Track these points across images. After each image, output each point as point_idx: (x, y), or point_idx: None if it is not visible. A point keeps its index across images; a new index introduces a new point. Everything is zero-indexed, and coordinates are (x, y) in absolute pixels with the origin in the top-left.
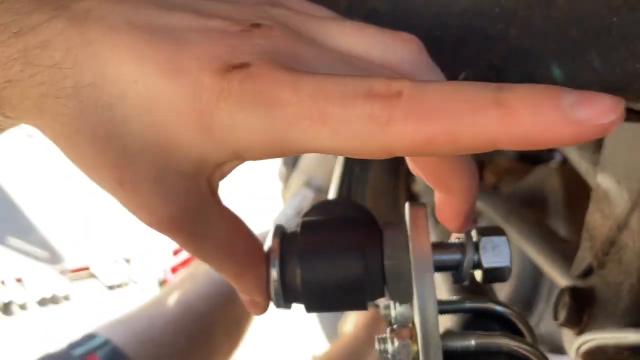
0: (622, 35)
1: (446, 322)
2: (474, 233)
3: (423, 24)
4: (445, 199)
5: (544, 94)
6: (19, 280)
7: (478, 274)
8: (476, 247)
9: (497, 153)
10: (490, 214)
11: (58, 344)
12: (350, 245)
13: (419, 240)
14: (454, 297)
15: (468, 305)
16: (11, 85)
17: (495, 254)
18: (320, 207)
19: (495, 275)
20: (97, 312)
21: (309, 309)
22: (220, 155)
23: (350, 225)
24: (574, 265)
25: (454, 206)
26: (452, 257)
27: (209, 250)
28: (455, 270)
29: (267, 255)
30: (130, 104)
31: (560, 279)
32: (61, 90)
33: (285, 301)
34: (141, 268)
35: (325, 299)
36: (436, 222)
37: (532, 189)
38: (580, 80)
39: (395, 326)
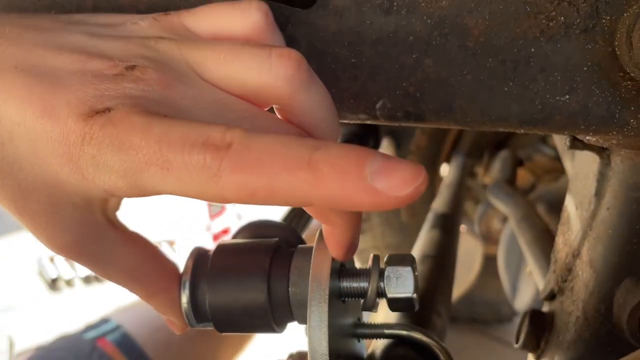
0: (541, 66)
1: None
2: (384, 261)
3: (338, 51)
4: (329, 230)
5: (352, 159)
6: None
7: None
8: (381, 275)
9: (536, 150)
10: (509, 218)
11: (77, 325)
12: (257, 271)
13: (318, 268)
14: (374, 322)
15: (387, 331)
16: None
17: (399, 283)
18: (250, 228)
19: (400, 305)
20: None
21: (219, 329)
22: (97, 192)
23: (261, 250)
24: (543, 287)
25: (336, 237)
26: (359, 284)
27: (116, 274)
28: (363, 298)
29: (180, 277)
30: (17, 145)
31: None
32: None
33: (197, 321)
34: (183, 251)
35: (233, 322)
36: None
37: (563, 191)
38: (497, 112)
39: (294, 351)
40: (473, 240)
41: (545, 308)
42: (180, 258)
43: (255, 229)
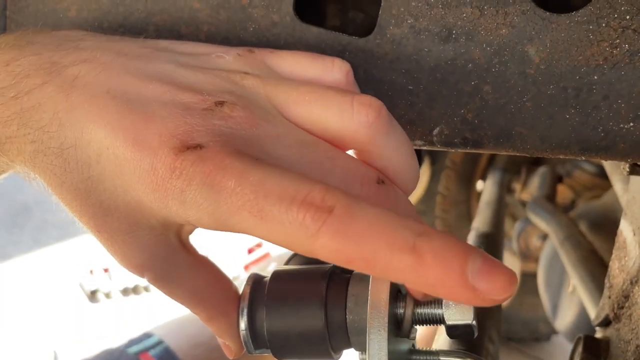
0: (604, 94)
1: None
2: None
3: (395, 78)
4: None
5: (455, 253)
6: (106, 270)
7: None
8: (440, 303)
9: (576, 166)
10: (551, 236)
11: (119, 339)
12: (313, 298)
13: (377, 295)
14: (430, 349)
15: (443, 358)
16: (10, 141)
17: (458, 310)
18: (300, 255)
19: (459, 332)
20: (172, 304)
21: (277, 355)
22: (177, 220)
23: (317, 276)
24: (596, 313)
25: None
26: (418, 311)
27: (182, 295)
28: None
29: (239, 303)
30: (104, 167)
31: (592, 319)
32: (49, 150)
33: (255, 347)
34: (218, 264)
35: (290, 348)
36: None
37: (606, 209)
38: (558, 139)
39: None
40: (510, 257)
41: (599, 334)
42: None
43: (303, 256)
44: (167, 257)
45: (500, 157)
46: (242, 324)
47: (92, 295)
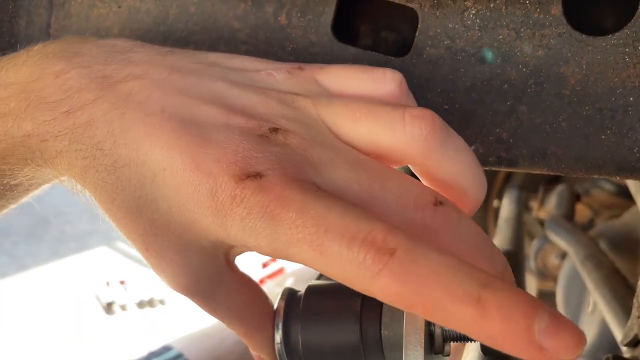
0: None
1: None
2: None
3: (431, 97)
4: None
5: (522, 309)
6: (122, 282)
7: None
8: None
9: (594, 185)
10: (570, 255)
11: (138, 352)
12: (348, 313)
13: (414, 313)
14: None
15: None
16: (60, 155)
17: None
18: None
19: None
20: (188, 317)
21: None
22: (233, 243)
23: (352, 292)
24: (624, 333)
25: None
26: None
27: (223, 312)
28: (457, 341)
29: (273, 317)
30: (159, 187)
31: (619, 339)
32: (101, 166)
33: None
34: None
35: None
36: None
37: (627, 228)
38: (593, 159)
39: None
40: (527, 276)
41: (628, 354)
42: None
43: None
44: (213, 277)
45: (517, 175)
46: (278, 338)
47: (108, 307)
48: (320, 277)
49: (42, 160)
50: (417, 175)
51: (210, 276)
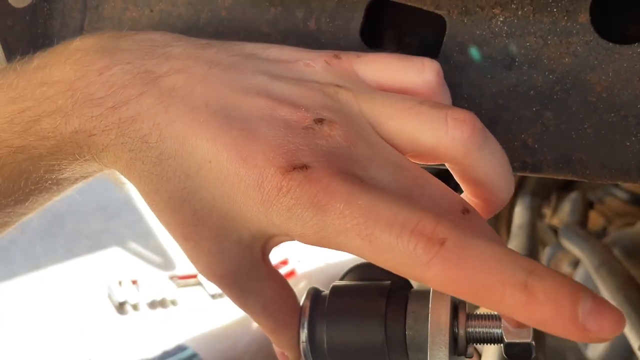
0: None
1: None
2: None
3: (457, 103)
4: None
5: (567, 293)
6: (134, 282)
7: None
8: (497, 321)
9: (607, 193)
10: (584, 263)
11: (153, 351)
12: (373, 314)
13: (438, 314)
14: None
15: None
16: (107, 149)
17: (516, 329)
18: (358, 270)
19: (517, 350)
20: (200, 318)
21: None
22: (275, 232)
23: (376, 292)
24: None
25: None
26: (477, 329)
27: (252, 306)
28: (480, 343)
29: (299, 316)
30: (204, 178)
31: (636, 346)
32: (147, 158)
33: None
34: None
35: None
36: None
37: None
38: (618, 165)
39: None
40: None
41: None
42: None
43: (363, 270)
44: (248, 269)
45: (529, 182)
46: (303, 336)
47: (121, 307)
48: (343, 277)
49: (90, 155)
50: (451, 172)
51: (245, 268)
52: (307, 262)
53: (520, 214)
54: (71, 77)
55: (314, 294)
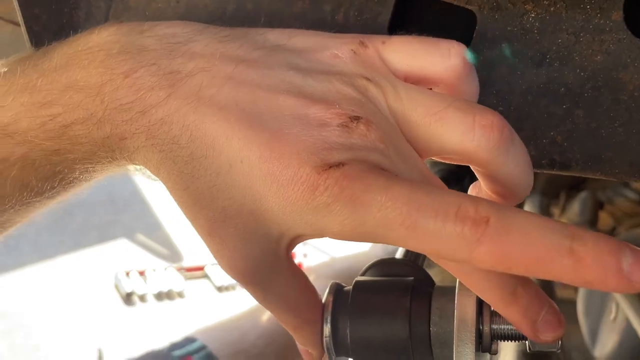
0: None
1: None
2: None
3: (485, 99)
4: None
5: (610, 251)
6: (141, 273)
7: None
8: None
9: (618, 194)
10: None
11: (162, 341)
12: (398, 310)
13: (464, 310)
14: None
15: None
16: (138, 151)
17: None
18: (379, 265)
19: (542, 346)
20: (206, 310)
21: None
22: (307, 231)
23: (400, 288)
24: None
25: None
26: (500, 326)
27: (274, 303)
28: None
29: (321, 311)
30: (235, 177)
31: None
32: (178, 158)
33: (336, 355)
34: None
35: (373, 358)
36: None
37: None
38: None
39: None
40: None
41: None
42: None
43: (385, 266)
44: (271, 266)
45: (539, 181)
46: (326, 331)
47: (128, 298)
48: (365, 273)
49: (121, 157)
50: (473, 170)
51: (268, 265)
52: (313, 257)
53: None
54: (97, 82)
55: (337, 290)
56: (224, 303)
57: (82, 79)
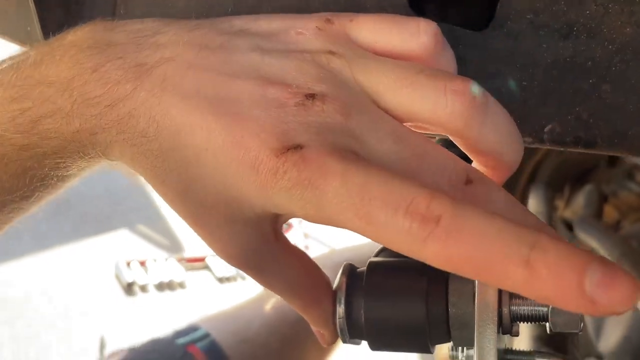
0: None
1: None
2: None
3: (509, 73)
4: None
5: (572, 265)
6: (142, 263)
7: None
8: None
9: (622, 186)
10: (603, 255)
11: (165, 330)
12: (414, 291)
13: (485, 291)
14: (525, 349)
15: (538, 359)
16: (111, 145)
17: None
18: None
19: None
20: (207, 301)
21: (373, 347)
22: (279, 212)
23: (416, 270)
24: None
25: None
26: (521, 308)
27: (276, 284)
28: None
29: (335, 292)
30: (203, 167)
31: None
32: (148, 152)
33: (350, 337)
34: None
35: (388, 340)
36: None
37: None
38: None
39: None
40: None
41: None
42: None
43: None
44: (261, 248)
45: (542, 173)
46: (340, 313)
47: (129, 288)
48: (378, 254)
49: (94, 152)
50: (454, 142)
51: (259, 248)
52: (314, 249)
53: (534, 206)
54: (67, 76)
55: (350, 270)
56: (225, 294)
57: (53, 74)
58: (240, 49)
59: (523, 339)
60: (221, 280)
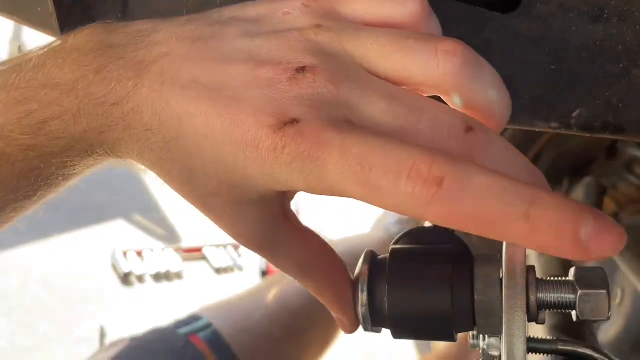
0: None
1: None
2: (572, 271)
3: (537, 57)
4: None
5: (568, 217)
6: (139, 253)
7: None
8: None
9: (621, 179)
10: None
11: (166, 320)
12: (439, 278)
13: (513, 278)
14: (548, 337)
15: (561, 347)
16: (118, 143)
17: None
18: (412, 234)
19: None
20: (204, 292)
21: (396, 335)
22: (282, 188)
23: (440, 257)
24: None
25: None
26: (548, 295)
27: (287, 265)
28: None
29: (357, 280)
30: (204, 153)
31: None
32: (154, 144)
33: (372, 325)
34: (247, 256)
35: (411, 328)
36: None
37: None
38: None
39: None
40: None
41: None
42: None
43: (419, 235)
44: (270, 229)
45: (541, 165)
46: (363, 300)
47: (126, 278)
48: (398, 241)
49: (102, 150)
50: (445, 101)
51: (267, 228)
52: None
53: None
54: (71, 79)
55: (372, 258)
56: (222, 285)
57: (57, 77)
58: (230, 36)
59: (538, 328)
60: (218, 270)
